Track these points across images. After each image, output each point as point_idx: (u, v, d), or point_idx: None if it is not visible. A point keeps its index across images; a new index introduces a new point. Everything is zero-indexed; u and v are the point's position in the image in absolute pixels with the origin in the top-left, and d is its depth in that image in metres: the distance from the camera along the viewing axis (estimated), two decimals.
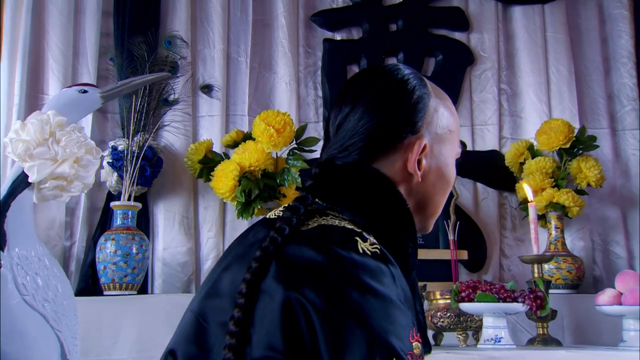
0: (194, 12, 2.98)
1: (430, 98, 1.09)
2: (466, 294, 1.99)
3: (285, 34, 3.02)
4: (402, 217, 1.05)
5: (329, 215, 0.99)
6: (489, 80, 3.23)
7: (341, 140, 1.07)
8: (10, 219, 1.69)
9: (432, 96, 1.10)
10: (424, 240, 2.75)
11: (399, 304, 0.88)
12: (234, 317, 0.88)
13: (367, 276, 0.87)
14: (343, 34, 3.18)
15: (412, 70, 1.13)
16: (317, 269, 0.88)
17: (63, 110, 1.82)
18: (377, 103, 1.07)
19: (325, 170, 1.05)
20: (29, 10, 2.78)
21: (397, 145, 1.06)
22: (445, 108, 1.12)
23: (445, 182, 1.12)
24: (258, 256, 0.92)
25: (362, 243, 0.92)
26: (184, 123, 2.84)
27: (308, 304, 0.84)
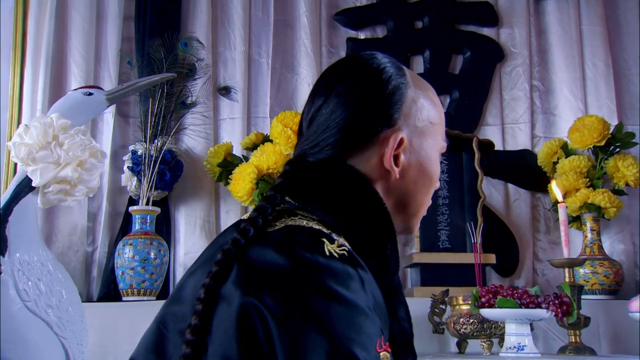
0: (215, 14, 2.95)
1: (408, 88, 1.01)
2: (486, 299, 1.89)
3: (307, 33, 2.96)
4: (379, 217, 0.97)
5: (298, 216, 0.92)
6: (520, 77, 3.10)
7: (313, 135, 1.00)
8: (13, 223, 1.67)
9: (411, 86, 1.02)
10: (450, 244, 2.65)
11: (366, 311, 0.81)
12: (190, 324, 0.82)
13: (332, 281, 0.81)
14: (367, 33, 3.11)
15: (390, 59, 1.05)
16: (278, 273, 0.82)
17: (68, 113, 1.80)
18: (350, 94, 0.99)
19: (296, 168, 0.99)
20: (52, 17, 2.80)
21: (372, 140, 0.98)
22: (426, 99, 1.04)
23: (428, 179, 1.04)
24: (219, 259, 0.86)
25: (329, 245, 0.85)
26: (205, 126, 2.81)
27: (266, 310, 0.78)
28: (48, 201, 1.75)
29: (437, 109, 1.05)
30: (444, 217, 2.67)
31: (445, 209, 2.68)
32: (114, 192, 2.76)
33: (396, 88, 1.00)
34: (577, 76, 3.08)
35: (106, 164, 2.75)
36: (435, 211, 2.67)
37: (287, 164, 0.99)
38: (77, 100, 1.82)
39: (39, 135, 1.71)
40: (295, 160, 1.00)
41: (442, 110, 1.08)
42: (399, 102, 0.99)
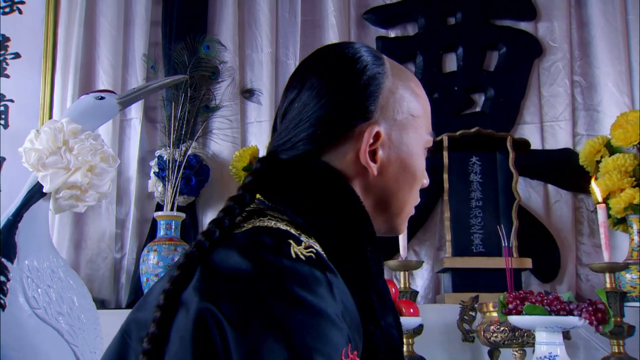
0: (242, 16, 2.92)
1: (386, 78, 0.93)
2: (514, 305, 1.77)
3: (335, 33, 2.89)
4: (355, 217, 0.90)
5: (267, 216, 0.86)
6: (559, 73, 2.96)
7: (285, 130, 0.94)
8: (22, 230, 1.66)
9: (389, 76, 0.94)
10: (484, 248, 2.54)
11: (333, 318, 0.74)
12: (148, 333, 0.77)
13: (296, 285, 0.74)
14: (397, 31, 3.02)
15: (368, 48, 0.97)
16: (239, 278, 0.75)
17: (80, 118, 1.77)
18: (322, 86, 0.92)
19: (267, 165, 0.92)
20: (81, 25, 2.82)
21: (347, 135, 0.91)
22: (406, 89, 0.95)
23: (411, 176, 0.95)
24: (180, 263, 0.81)
25: (295, 246, 0.78)
26: (232, 130, 2.78)
27: (223, 317, 0.72)
28: (60, 207, 1.73)
29: (420, 100, 0.97)
30: (477, 220, 2.56)
31: (478, 212, 2.56)
32: (141, 198, 2.75)
33: (372, 78, 0.92)
34: (623, 70, 2.92)
35: (134, 170, 2.74)
36: (468, 214, 2.56)
37: (258, 161, 0.93)
38: (88, 105, 1.80)
39: (49, 140, 1.70)
40: (267, 158, 0.93)
41: (426, 102, 0.99)
42: (375, 93, 0.92)
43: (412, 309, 1.84)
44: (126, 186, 2.75)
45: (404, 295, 2.08)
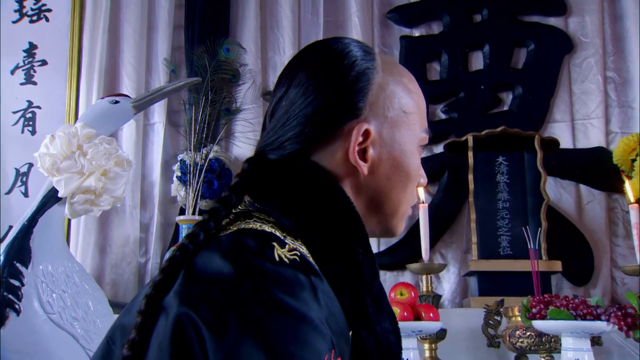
0: (264, 18, 2.90)
1: (376, 74, 0.90)
2: (537, 309, 1.71)
3: (359, 33, 2.85)
4: (344, 218, 0.86)
5: (253, 218, 0.83)
6: (591, 69, 2.86)
7: (273, 129, 0.91)
8: (37, 235, 1.66)
9: (380, 72, 0.90)
10: (512, 250, 2.46)
11: (315, 324, 0.71)
12: (129, 339, 0.75)
13: (278, 290, 0.72)
14: (422, 30, 2.96)
15: (359, 43, 0.94)
16: (219, 282, 0.73)
17: (95, 122, 1.78)
18: (310, 82, 0.89)
19: (255, 166, 0.89)
20: (106, 30, 2.84)
21: (335, 133, 0.88)
22: (398, 85, 0.92)
23: (404, 174, 0.92)
24: (163, 267, 0.79)
25: (279, 249, 0.76)
26: (254, 133, 2.76)
27: (201, 322, 0.69)
28: (75, 212, 1.73)
29: (414, 96, 0.93)
30: (505, 222, 2.48)
31: (505, 213, 2.49)
32: (165, 202, 2.75)
33: (361, 74, 0.89)
34: None
35: (157, 174, 2.75)
36: (495, 215, 2.49)
37: (246, 162, 0.90)
38: (103, 109, 1.80)
39: (63, 145, 1.70)
40: (254, 158, 0.90)
41: (420, 98, 0.95)
42: (364, 89, 0.88)
43: (431, 313, 1.79)
44: (150, 190, 2.76)
45: (426, 299, 2.03)
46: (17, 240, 1.64)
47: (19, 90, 2.86)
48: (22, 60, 2.89)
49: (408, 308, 1.77)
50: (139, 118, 2.74)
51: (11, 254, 1.62)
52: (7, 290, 1.59)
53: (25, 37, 2.91)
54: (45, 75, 2.86)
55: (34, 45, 2.90)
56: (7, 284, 1.59)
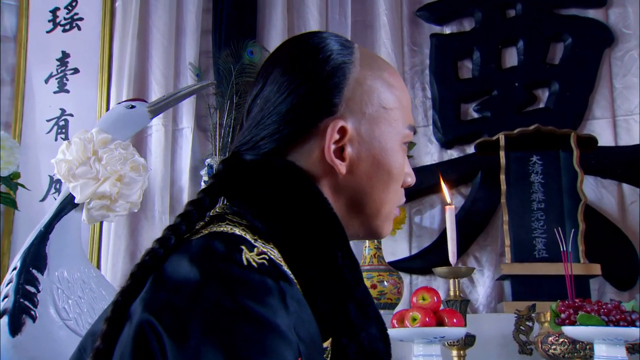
0: (291, 20, 2.87)
1: (353, 68, 0.86)
2: (566, 315, 1.62)
3: (387, 33, 2.80)
4: (322, 220, 0.82)
5: (226, 221, 0.80)
6: (634, 62, 2.73)
7: (248, 129, 0.88)
8: (53, 240, 1.66)
9: (357, 66, 0.86)
10: (548, 253, 2.36)
11: (281, 331, 0.68)
12: (94, 347, 0.73)
13: (244, 295, 0.69)
14: (453, 27, 2.88)
15: (337, 37, 0.90)
16: (184, 287, 0.70)
17: (112, 127, 1.77)
18: (284, 79, 0.85)
19: (230, 167, 0.86)
20: (135, 37, 2.85)
21: (311, 131, 0.84)
22: (377, 80, 0.87)
23: (385, 173, 0.87)
24: (132, 272, 0.76)
25: (247, 253, 0.73)
26: None
27: (162, 329, 0.67)
28: (92, 217, 1.73)
29: (395, 91, 0.88)
30: (540, 224, 2.39)
31: (540, 214, 2.39)
32: None
33: (336, 69, 0.85)
34: None
35: (186, 179, 2.75)
36: (530, 217, 2.39)
37: (221, 162, 0.87)
38: (120, 114, 1.79)
39: (79, 151, 1.70)
40: (229, 159, 0.87)
41: (403, 93, 0.90)
42: (339, 85, 0.84)
43: (455, 318, 1.72)
44: (179, 196, 2.76)
45: (453, 304, 1.96)
46: (33, 247, 1.64)
47: (52, 99, 2.90)
48: (56, 69, 2.93)
49: (430, 313, 1.71)
50: (167, 123, 2.74)
51: (27, 260, 1.63)
52: (23, 296, 1.60)
53: (58, 46, 2.96)
54: (77, 83, 2.90)
55: (67, 54, 2.94)
56: (23, 290, 1.60)
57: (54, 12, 3.00)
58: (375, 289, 2.28)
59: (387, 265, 2.38)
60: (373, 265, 2.34)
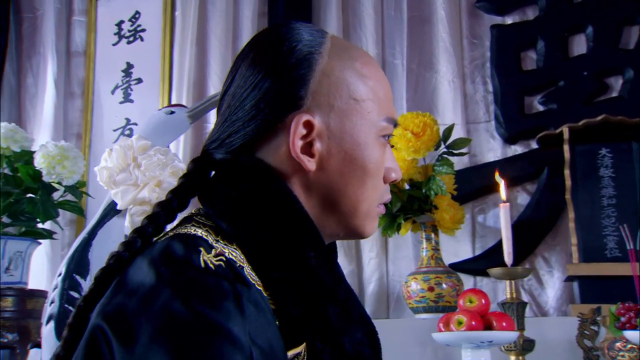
0: (346, 19, 2.83)
1: (320, 59, 0.81)
2: (626, 318, 1.49)
3: (445, 27, 2.70)
4: (290, 219, 0.79)
5: (192, 222, 0.78)
6: None
7: (216, 126, 0.85)
8: (96, 247, 1.70)
9: (325, 57, 0.82)
10: (621, 252, 2.19)
11: (233, 336, 0.66)
12: (54, 354, 0.75)
13: (197, 299, 0.67)
14: (515, 17, 2.75)
15: (308, 27, 0.86)
16: (138, 292, 0.69)
17: (152, 134, 1.80)
18: (249, 73, 0.82)
19: (199, 166, 0.84)
20: (193, 44, 2.91)
21: (277, 126, 0.81)
22: (347, 70, 0.82)
23: (359, 169, 0.82)
24: (96, 276, 0.76)
25: (205, 254, 0.71)
26: None
27: (112, 335, 0.66)
28: (134, 224, 1.75)
29: (368, 82, 0.83)
30: (611, 221, 2.22)
31: (611, 211, 2.23)
32: None
33: (302, 60, 0.80)
34: None
35: None
36: (599, 214, 2.23)
37: (191, 162, 0.85)
38: (160, 120, 1.82)
39: (119, 158, 1.73)
40: (199, 158, 0.85)
41: (379, 83, 0.85)
42: (305, 77, 0.80)
43: (504, 322, 1.62)
44: None
45: (508, 307, 1.85)
46: (77, 253, 1.69)
47: (118, 109, 3.00)
48: (121, 80, 3.03)
49: (477, 317, 1.62)
50: None
51: (71, 266, 1.67)
52: (67, 302, 1.64)
53: (123, 57, 3.05)
54: (141, 92, 2.98)
55: (131, 65, 3.03)
56: (67, 296, 1.65)
57: (119, 25, 3.10)
58: (433, 292, 2.20)
59: (445, 267, 2.29)
60: (430, 267, 2.25)
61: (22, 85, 3.16)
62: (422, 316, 2.22)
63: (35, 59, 3.16)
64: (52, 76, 3.06)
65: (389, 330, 2.23)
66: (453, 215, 2.23)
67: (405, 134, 2.19)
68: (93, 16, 3.12)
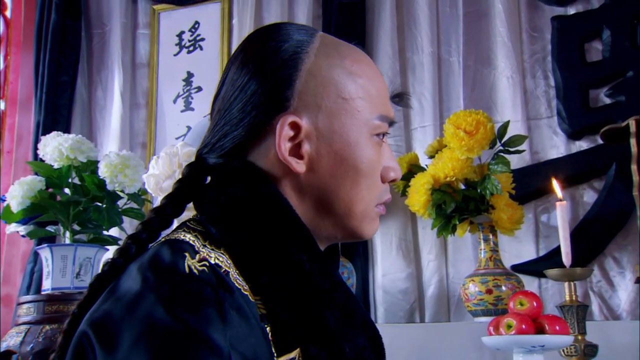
0: (401, 18, 2.79)
1: (307, 59, 0.80)
2: None
3: (503, 21, 2.61)
4: (280, 222, 0.78)
5: (184, 227, 0.78)
6: None
7: (209, 130, 0.86)
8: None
9: (312, 56, 0.80)
10: None
11: (213, 343, 0.65)
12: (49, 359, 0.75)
13: (178, 305, 0.67)
14: (578, 6, 2.62)
15: (298, 27, 0.85)
16: (124, 298, 0.70)
17: (197, 140, 1.79)
18: (237, 76, 0.83)
19: (194, 171, 0.84)
20: None
21: (266, 129, 0.80)
22: (334, 69, 0.81)
23: (351, 169, 0.80)
24: (90, 283, 0.78)
25: (189, 260, 0.71)
26: (395, 138, 2.66)
27: (96, 341, 0.67)
28: None
29: (358, 80, 0.81)
30: None
31: None
32: None
33: (287, 60, 0.79)
34: None
35: None
36: None
37: (186, 167, 0.85)
38: (204, 127, 1.82)
39: (165, 165, 1.76)
40: (193, 163, 0.85)
41: (371, 81, 0.82)
42: (290, 78, 0.79)
43: (558, 325, 1.54)
44: None
45: (568, 310, 1.77)
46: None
47: (180, 117, 3.07)
48: (182, 89, 3.10)
49: (528, 320, 1.55)
50: None
51: None
52: None
53: (184, 67, 3.12)
54: (201, 100, 3.04)
55: (191, 74, 3.10)
56: None
57: (180, 36, 3.17)
58: (491, 294, 2.13)
59: (504, 269, 2.21)
60: (488, 269, 2.18)
61: (93, 98, 3.29)
62: (480, 319, 2.15)
63: (104, 72, 3.28)
64: (119, 88, 3.16)
65: (447, 333, 2.18)
66: (511, 215, 2.15)
67: (457, 133, 2.14)
68: (156, 28, 3.22)
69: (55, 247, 2.44)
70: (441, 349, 2.10)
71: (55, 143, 2.46)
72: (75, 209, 2.54)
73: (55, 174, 2.51)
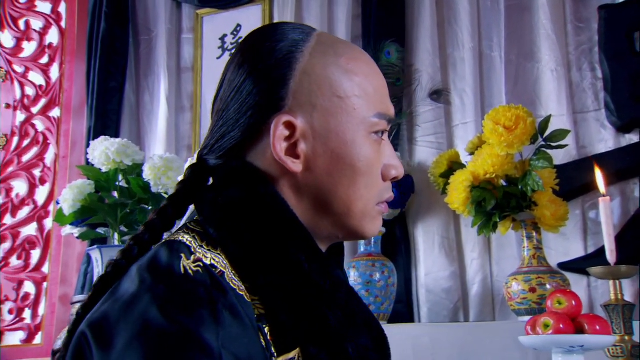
0: (441, 14, 2.75)
1: (301, 58, 0.80)
2: None
3: (547, 13, 2.55)
4: (277, 222, 0.78)
5: (184, 229, 0.79)
6: None
7: (209, 131, 0.87)
8: None
9: (307, 55, 0.81)
10: None
11: (205, 343, 0.66)
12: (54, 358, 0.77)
13: (172, 306, 0.68)
14: None
15: (296, 26, 0.85)
16: (122, 299, 0.72)
17: None
18: (234, 76, 0.84)
19: (195, 172, 0.85)
20: None
21: (262, 129, 0.81)
22: (329, 67, 0.81)
23: (348, 168, 0.80)
24: (94, 284, 0.79)
25: (185, 260, 0.72)
26: (437, 135, 2.63)
27: (93, 342, 0.69)
28: None
29: (354, 77, 0.81)
30: None
31: None
32: None
33: (282, 60, 0.80)
34: None
35: None
36: None
37: (188, 168, 0.86)
38: None
39: None
40: (195, 164, 0.86)
41: (368, 78, 0.82)
42: (285, 77, 0.79)
43: (598, 325, 1.49)
44: None
45: (613, 309, 1.71)
46: None
47: None
48: None
49: (566, 319, 1.50)
50: None
51: None
52: None
53: None
54: None
55: None
56: None
57: (222, 39, 3.22)
58: (535, 293, 2.08)
59: (549, 267, 2.15)
60: (532, 267, 2.13)
61: (140, 102, 3.37)
62: (524, 319, 2.10)
63: (150, 77, 3.36)
64: (165, 92, 3.23)
65: (488, 333, 2.14)
66: (555, 211, 2.10)
67: (496, 129, 2.09)
68: (199, 32, 3.27)
69: (104, 249, 2.52)
70: (482, 349, 2.06)
71: (102, 147, 2.54)
72: (122, 211, 2.61)
73: (103, 178, 2.59)
